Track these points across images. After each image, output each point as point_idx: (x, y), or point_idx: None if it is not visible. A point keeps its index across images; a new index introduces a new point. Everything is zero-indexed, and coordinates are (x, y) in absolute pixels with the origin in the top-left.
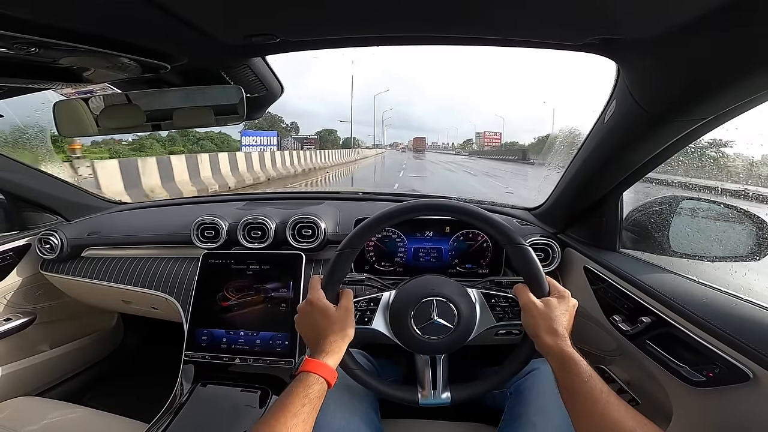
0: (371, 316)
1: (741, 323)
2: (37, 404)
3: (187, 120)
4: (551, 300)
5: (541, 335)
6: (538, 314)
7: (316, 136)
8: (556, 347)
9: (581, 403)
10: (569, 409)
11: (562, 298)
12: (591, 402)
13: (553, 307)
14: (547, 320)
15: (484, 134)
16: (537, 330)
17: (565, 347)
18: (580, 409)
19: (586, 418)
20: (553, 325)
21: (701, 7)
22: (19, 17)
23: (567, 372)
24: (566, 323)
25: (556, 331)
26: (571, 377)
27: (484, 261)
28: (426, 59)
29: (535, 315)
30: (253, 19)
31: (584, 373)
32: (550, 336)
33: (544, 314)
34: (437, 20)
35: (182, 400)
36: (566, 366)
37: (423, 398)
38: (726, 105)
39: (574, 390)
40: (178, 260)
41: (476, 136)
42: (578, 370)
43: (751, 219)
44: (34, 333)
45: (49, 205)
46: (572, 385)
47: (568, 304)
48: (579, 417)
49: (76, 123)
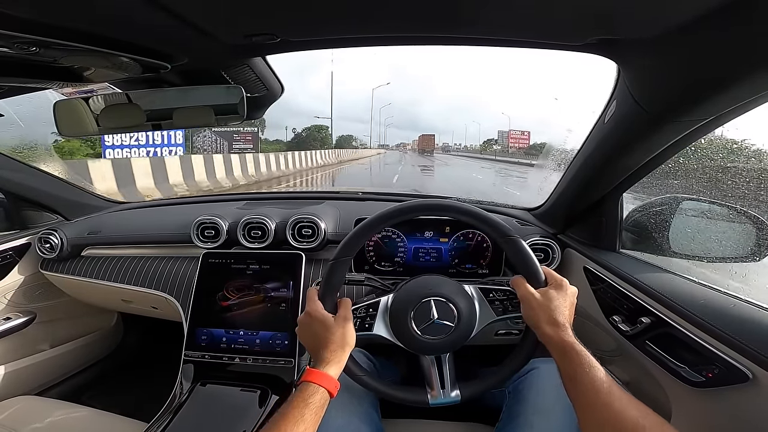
0: (371, 321)
1: (740, 324)
2: (36, 403)
3: (187, 120)
4: (549, 290)
5: (542, 326)
6: (538, 305)
7: (256, 129)
8: (557, 337)
9: (584, 394)
10: (572, 399)
11: (560, 287)
12: (593, 392)
13: (551, 297)
14: (546, 311)
15: (509, 133)
16: (537, 321)
17: (567, 337)
18: (582, 399)
19: (589, 408)
20: (553, 315)
21: (701, 7)
22: (19, 17)
23: (569, 361)
24: (566, 312)
25: (557, 321)
26: (573, 367)
27: (484, 261)
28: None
29: (535, 306)
30: (253, 19)
31: (586, 363)
32: (550, 326)
33: (543, 305)
34: (437, 20)
35: (182, 400)
36: (568, 356)
37: (432, 398)
38: (726, 105)
39: (577, 380)
40: (178, 260)
41: (500, 136)
42: (580, 360)
43: (751, 219)
44: (34, 332)
45: (49, 205)
46: (575, 375)
47: (567, 292)
48: (582, 407)
49: (76, 122)
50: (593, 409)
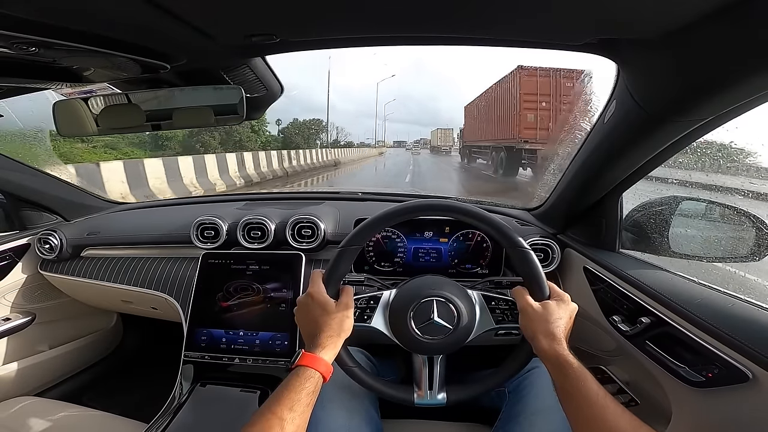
0: (371, 314)
1: (740, 323)
2: (36, 404)
3: (186, 120)
4: (550, 303)
5: (538, 338)
6: (536, 317)
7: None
8: (552, 351)
9: (577, 407)
10: (566, 411)
11: (561, 301)
12: (587, 406)
13: (551, 310)
14: (544, 323)
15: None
16: (534, 333)
17: (561, 351)
18: (576, 413)
19: (583, 421)
20: (550, 328)
21: (701, 7)
22: (19, 17)
23: (564, 376)
24: (564, 327)
25: (553, 334)
26: (568, 381)
27: (483, 261)
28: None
29: (533, 318)
30: (253, 19)
31: (581, 377)
32: (546, 339)
33: (541, 317)
34: (437, 20)
35: (182, 400)
36: (562, 370)
37: (419, 398)
38: (726, 105)
39: (571, 394)
40: (178, 260)
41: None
42: (575, 374)
43: (751, 219)
44: (34, 333)
45: (49, 205)
46: (569, 389)
47: (568, 307)
48: (576, 421)
49: (76, 123)
50: (587, 423)
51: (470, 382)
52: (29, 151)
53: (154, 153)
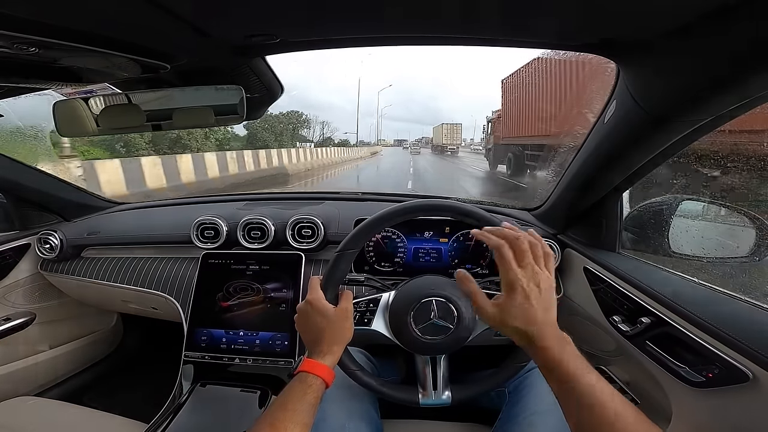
0: (371, 317)
1: (740, 323)
2: (36, 404)
3: (187, 120)
4: (501, 301)
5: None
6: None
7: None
8: (538, 359)
9: (573, 412)
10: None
11: (511, 290)
12: (587, 409)
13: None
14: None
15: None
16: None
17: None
18: (573, 418)
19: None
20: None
21: (701, 8)
22: (19, 17)
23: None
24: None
25: (526, 334)
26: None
27: (483, 261)
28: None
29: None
30: (253, 19)
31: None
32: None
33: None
34: (437, 20)
35: (182, 400)
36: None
37: (423, 398)
38: (726, 105)
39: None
40: (178, 260)
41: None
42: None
43: (751, 219)
44: (34, 333)
45: (49, 205)
46: (558, 390)
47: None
48: (572, 423)
49: (76, 123)
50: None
51: (472, 381)
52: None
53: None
